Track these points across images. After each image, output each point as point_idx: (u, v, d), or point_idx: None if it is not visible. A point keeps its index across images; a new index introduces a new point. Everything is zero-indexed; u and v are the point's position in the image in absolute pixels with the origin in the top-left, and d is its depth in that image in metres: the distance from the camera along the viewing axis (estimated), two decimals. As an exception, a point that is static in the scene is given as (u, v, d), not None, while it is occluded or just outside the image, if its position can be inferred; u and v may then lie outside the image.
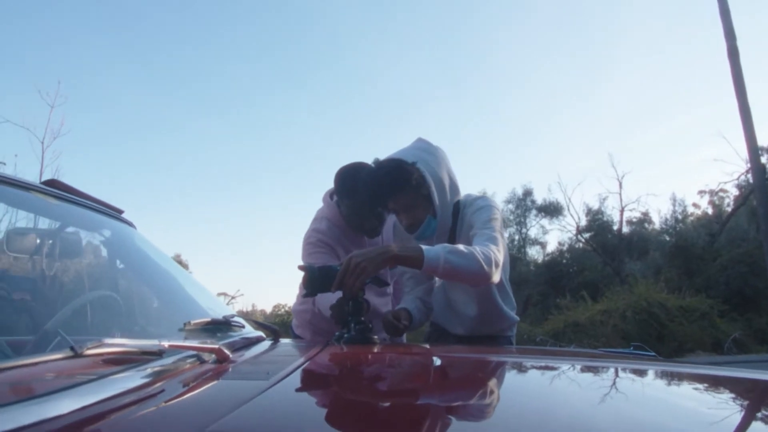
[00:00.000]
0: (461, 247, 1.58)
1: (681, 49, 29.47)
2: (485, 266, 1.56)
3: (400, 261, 1.54)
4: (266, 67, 32.39)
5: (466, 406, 0.71)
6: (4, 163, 10.18)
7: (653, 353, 1.56)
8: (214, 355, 0.88)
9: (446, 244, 1.60)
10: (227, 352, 0.88)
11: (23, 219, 1.26)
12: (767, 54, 27.95)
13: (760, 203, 13.49)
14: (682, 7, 27.60)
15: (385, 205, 1.85)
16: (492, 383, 0.91)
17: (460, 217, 1.88)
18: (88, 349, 0.66)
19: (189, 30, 30.17)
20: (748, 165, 15.00)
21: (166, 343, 0.79)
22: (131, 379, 0.68)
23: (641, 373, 0.99)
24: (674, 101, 29.67)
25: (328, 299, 1.85)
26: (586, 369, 1.03)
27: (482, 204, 1.82)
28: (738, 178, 18.40)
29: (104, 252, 1.51)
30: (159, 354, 0.78)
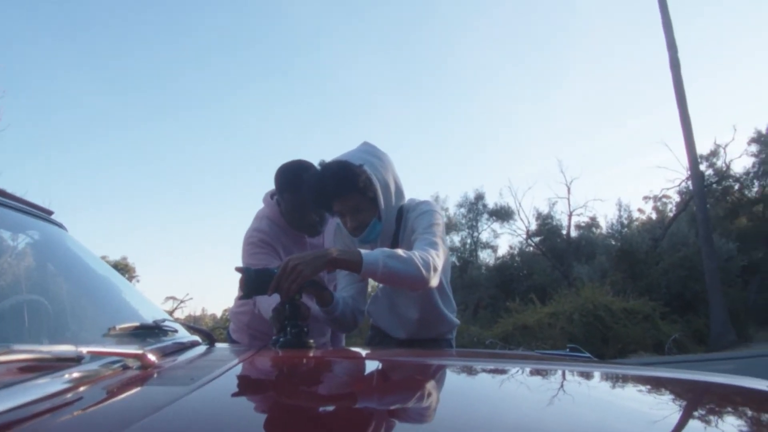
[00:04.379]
0: (400, 251, 1.58)
1: (628, 58, 30.51)
2: (423, 271, 1.57)
3: (339, 264, 1.54)
4: (219, 68, 31.84)
5: (402, 411, 0.69)
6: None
7: (588, 354, 1.61)
8: (138, 361, 0.86)
9: (385, 249, 1.60)
10: (152, 357, 0.86)
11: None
12: (708, 64, 29.14)
13: (698, 209, 14.09)
14: (629, 18, 28.60)
15: (330, 207, 1.82)
16: (430, 387, 0.90)
17: (403, 222, 1.88)
18: (-8, 355, 0.63)
19: (140, 29, 29.38)
20: (689, 172, 15.65)
21: (84, 349, 0.76)
22: (42, 387, 0.66)
23: (579, 374, 1.02)
24: (620, 109, 30.73)
25: (269, 301, 1.82)
26: (523, 371, 1.04)
27: (425, 209, 1.83)
28: (679, 185, 19.20)
29: (32, 254, 1.45)
30: (77, 360, 0.76)
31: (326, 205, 1.83)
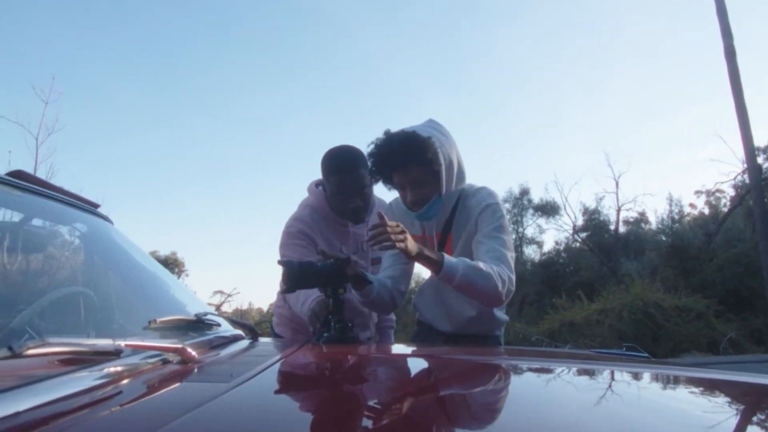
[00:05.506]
0: (482, 265, 1.59)
1: (679, 48, 29.43)
2: (501, 290, 1.60)
3: (422, 258, 1.56)
4: (262, 63, 32.30)
5: (452, 412, 0.66)
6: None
7: (646, 354, 1.52)
8: (178, 356, 0.84)
9: (466, 259, 1.61)
10: (192, 352, 0.84)
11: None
12: (764, 54, 27.88)
13: (756, 203, 13.48)
14: (680, 6, 27.56)
15: (390, 178, 1.77)
16: (480, 387, 0.87)
17: (459, 208, 1.82)
18: (30, 348, 0.61)
19: (184, 26, 30.07)
20: (745, 165, 15.00)
21: (122, 343, 0.74)
22: (78, 381, 0.64)
23: (634, 375, 0.97)
24: (671, 101, 29.61)
25: (297, 297, 1.81)
26: (578, 371, 1.00)
27: (489, 202, 1.78)
28: (734, 179, 18.41)
29: (79, 247, 1.46)
30: (116, 354, 0.74)
31: (387, 175, 1.77)
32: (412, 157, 1.68)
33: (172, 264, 20.29)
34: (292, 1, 32.05)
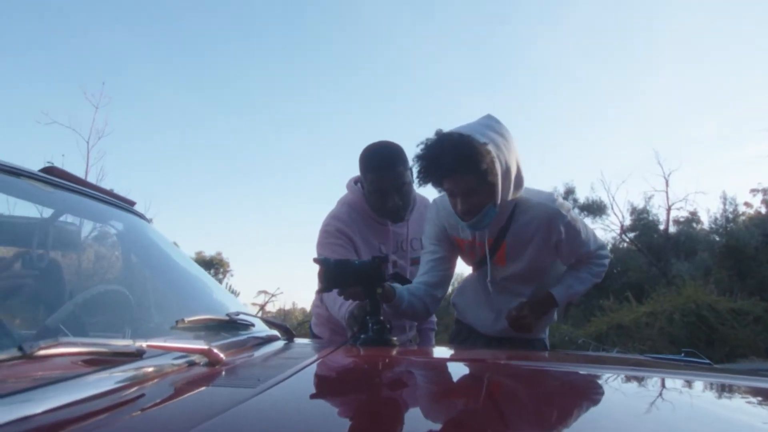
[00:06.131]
0: (582, 280, 1.83)
1: (732, 40, 28.17)
2: (599, 281, 1.90)
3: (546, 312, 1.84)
4: (303, 63, 32.34)
5: (492, 420, 0.61)
6: (52, 163, 10.41)
7: (708, 361, 1.41)
8: (205, 357, 0.79)
9: (565, 281, 1.83)
10: (220, 353, 0.79)
11: (23, 208, 1.19)
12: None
13: (818, 201, 12.85)
14: (733, -1, 26.43)
15: (439, 183, 1.62)
16: (525, 393, 0.81)
17: (518, 218, 1.71)
18: (42, 349, 0.57)
19: (227, 28, 30.50)
20: (806, 161, 14.33)
21: (144, 343, 0.70)
22: (96, 384, 0.60)
23: (695, 384, 0.90)
24: (724, 95, 28.25)
25: (335, 300, 1.75)
26: (634, 378, 0.94)
27: (571, 232, 1.75)
28: (794, 176, 17.61)
29: (115, 245, 1.45)
30: (138, 355, 0.70)
31: (436, 180, 1.61)
32: (464, 164, 1.51)
33: (217, 264, 20.60)
34: (330, 3, 32.07)
